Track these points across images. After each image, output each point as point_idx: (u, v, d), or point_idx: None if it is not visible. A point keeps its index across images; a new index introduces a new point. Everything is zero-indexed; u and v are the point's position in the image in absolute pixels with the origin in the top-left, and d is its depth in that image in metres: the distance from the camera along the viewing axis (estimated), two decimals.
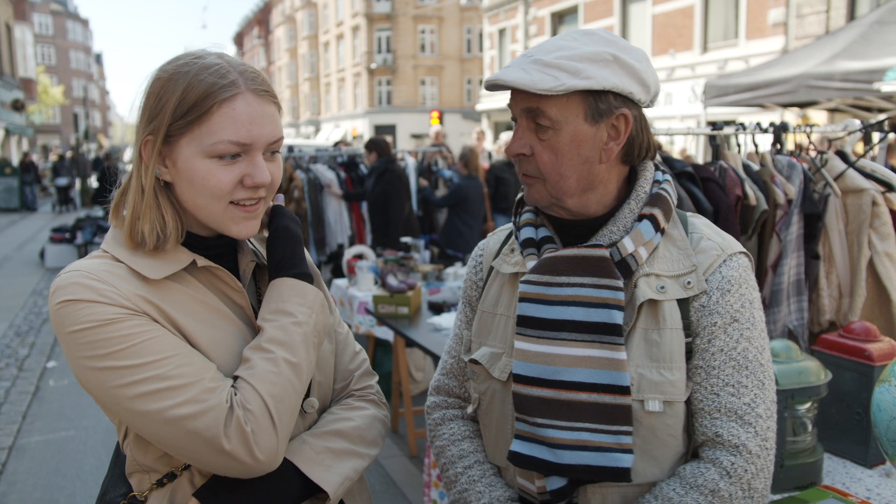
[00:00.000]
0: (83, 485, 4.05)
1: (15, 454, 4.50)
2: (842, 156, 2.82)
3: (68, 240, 11.55)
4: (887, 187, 2.69)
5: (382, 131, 33.08)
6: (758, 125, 2.95)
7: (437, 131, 9.87)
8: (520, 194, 1.36)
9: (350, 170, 7.74)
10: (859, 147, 3.60)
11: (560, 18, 21.15)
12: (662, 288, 1.19)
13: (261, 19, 60.22)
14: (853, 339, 1.87)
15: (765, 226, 2.73)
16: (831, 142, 2.94)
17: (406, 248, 5.44)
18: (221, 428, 1.02)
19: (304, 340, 1.13)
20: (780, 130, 2.94)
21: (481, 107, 26.82)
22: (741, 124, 2.98)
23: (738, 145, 3.01)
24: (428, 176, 7.99)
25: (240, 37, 69.37)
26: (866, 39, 6.29)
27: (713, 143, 2.92)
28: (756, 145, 3.02)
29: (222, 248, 1.22)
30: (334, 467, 1.19)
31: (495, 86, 1.19)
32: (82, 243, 11.22)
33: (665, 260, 1.22)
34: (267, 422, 1.05)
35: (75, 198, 22.18)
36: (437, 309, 4.20)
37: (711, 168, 2.74)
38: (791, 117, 8.96)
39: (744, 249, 1.25)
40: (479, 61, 35.22)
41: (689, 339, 1.19)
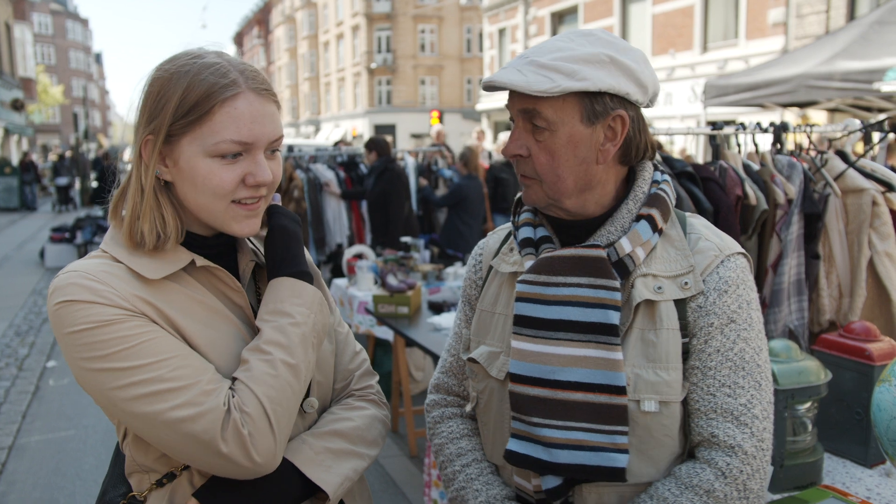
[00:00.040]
0: (83, 484, 4.05)
1: (15, 454, 4.50)
2: (842, 156, 2.82)
3: (68, 239, 11.54)
4: (887, 187, 2.69)
5: (382, 131, 33.07)
6: (758, 125, 2.95)
7: (438, 131, 9.87)
8: (519, 194, 1.36)
9: (350, 169, 7.74)
10: (859, 147, 3.60)
11: (560, 18, 21.14)
12: (659, 288, 1.19)
13: (260, 19, 60.21)
14: (853, 339, 1.87)
15: (765, 225, 2.73)
16: (831, 142, 2.94)
17: (406, 248, 5.43)
18: (218, 431, 1.02)
19: (303, 341, 1.13)
20: (780, 130, 2.94)
21: (481, 106, 26.82)
22: (741, 124, 2.97)
23: (739, 145, 3.01)
24: (428, 175, 7.99)
25: (240, 37, 69.36)
26: (866, 39, 6.29)
27: (713, 142, 2.91)
28: (756, 145, 3.02)
29: (222, 248, 1.22)
30: (334, 467, 1.18)
31: (492, 87, 1.19)
32: (82, 243, 11.22)
33: (663, 260, 1.22)
34: (264, 424, 1.05)
35: (75, 197, 22.17)
36: (437, 308, 4.20)
37: (711, 168, 2.73)
38: (791, 117, 8.95)
39: (742, 250, 1.25)
40: (479, 61, 35.24)
41: (686, 339, 1.19)
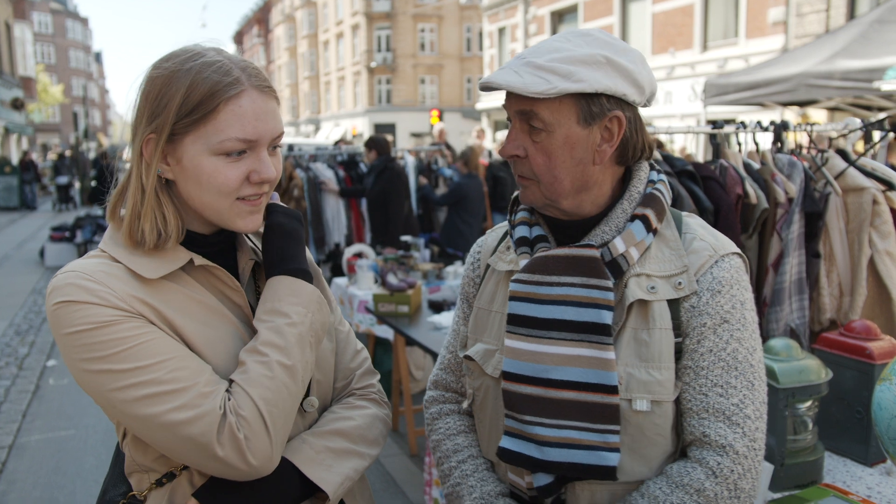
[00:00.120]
0: (83, 483, 4.05)
1: (15, 453, 4.50)
2: (842, 154, 2.82)
3: (68, 238, 11.55)
4: (888, 186, 2.69)
5: (382, 130, 33.04)
6: (758, 123, 2.94)
7: (440, 129, 9.85)
8: (516, 193, 1.36)
9: (350, 168, 7.74)
10: (860, 146, 3.59)
11: (560, 17, 21.13)
12: (653, 288, 1.19)
13: (260, 18, 60.18)
14: (854, 338, 1.87)
15: (765, 224, 2.73)
16: (831, 140, 2.93)
17: (406, 247, 5.43)
18: (215, 434, 1.02)
19: (300, 341, 1.13)
20: (780, 129, 2.93)
21: (481, 105, 26.82)
22: (742, 123, 2.97)
23: (739, 144, 3.01)
24: (428, 174, 7.99)
25: (239, 35, 69.34)
26: (866, 38, 6.29)
27: (714, 141, 2.91)
28: (756, 144, 3.02)
29: (221, 246, 1.22)
30: (334, 467, 1.18)
31: (489, 87, 1.19)
32: (82, 242, 11.22)
33: (657, 260, 1.22)
34: (260, 427, 1.05)
35: (75, 196, 22.18)
36: (437, 307, 4.20)
37: (712, 167, 2.73)
38: (791, 116, 8.95)
39: (737, 250, 1.25)
40: (479, 60, 35.23)
41: (679, 339, 1.19)
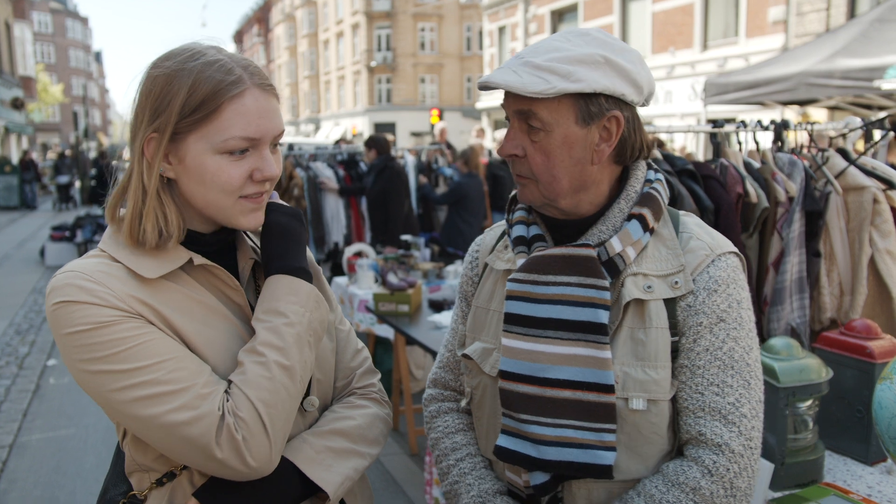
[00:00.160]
0: (84, 483, 4.05)
1: (15, 452, 4.50)
2: (843, 153, 2.81)
3: (68, 238, 11.55)
4: (888, 185, 2.68)
5: (382, 129, 33.03)
6: (758, 122, 2.94)
7: (441, 129, 9.84)
8: (513, 192, 1.36)
9: (350, 168, 7.74)
10: (860, 145, 3.59)
11: (560, 16, 21.12)
12: (649, 287, 1.19)
13: (260, 17, 60.16)
14: (854, 337, 1.87)
15: (766, 223, 2.73)
16: (832, 139, 2.93)
17: (406, 246, 5.43)
18: (213, 436, 1.02)
19: (298, 341, 1.12)
20: (780, 128, 2.93)
21: (481, 105, 26.81)
22: (742, 122, 2.97)
23: (739, 143, 3.01)
24: (428, 173, 7.98)
25: (239, 35, 69.32)
26: (866, 37, 6.29)
27: (714, 140, 2.91)
28: (757, 143, 3.01)
29: (221, 245, 1.22)
30: (335, 467, 1.18)
31: (487, 87, 1.19)
32: (82, 241, 11.23)
33: (653, 259, 1.22)
34: (258, 428, 1.05)
35: (75, 196, 22.19)
36: (437, 307, 4.20)
37: (712, 166, 2.73)
38: (791, 115, 8.95)
39: (734, 249, 1.25)
40: (479, 59, 35.21)
41: (676, 338, 1.19)
